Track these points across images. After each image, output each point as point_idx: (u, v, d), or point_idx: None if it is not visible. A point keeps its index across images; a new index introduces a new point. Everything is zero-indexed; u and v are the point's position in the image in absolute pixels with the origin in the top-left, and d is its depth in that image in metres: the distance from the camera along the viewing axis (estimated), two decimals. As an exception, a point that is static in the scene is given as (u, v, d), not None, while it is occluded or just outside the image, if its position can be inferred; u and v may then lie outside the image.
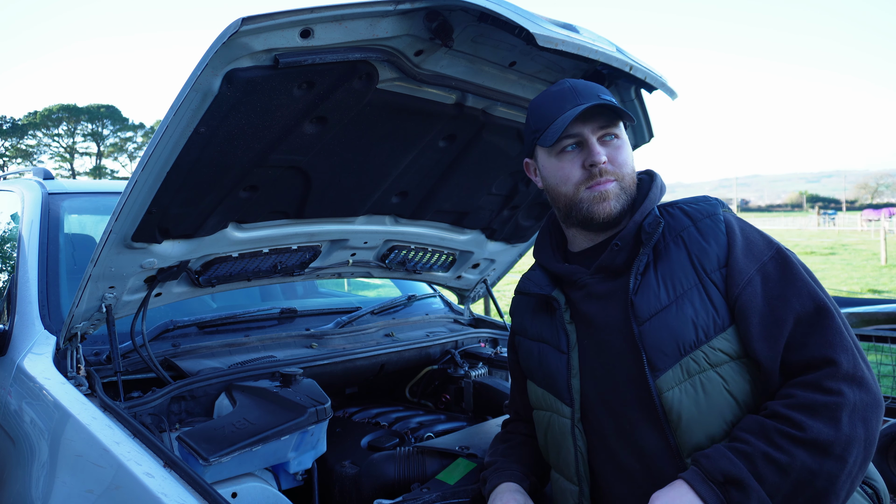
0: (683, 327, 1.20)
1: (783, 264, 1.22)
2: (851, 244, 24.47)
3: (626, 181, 1.33)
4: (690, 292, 1.22)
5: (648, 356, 1.21)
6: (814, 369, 1.12)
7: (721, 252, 1.24)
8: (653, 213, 1.32)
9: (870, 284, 12.49)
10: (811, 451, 1.06)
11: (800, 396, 1.10)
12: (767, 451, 1.07)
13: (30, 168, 2.79)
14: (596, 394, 1.31)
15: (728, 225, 1.28)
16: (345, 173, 1.74)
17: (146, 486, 1.20)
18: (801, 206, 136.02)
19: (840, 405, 1.07)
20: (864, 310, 4.17)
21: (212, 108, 1.27)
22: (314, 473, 1.74)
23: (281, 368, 1.84)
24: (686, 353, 1.19)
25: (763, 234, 1.29)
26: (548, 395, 1.39)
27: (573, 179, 1.32)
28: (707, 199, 1.36)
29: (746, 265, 1.22)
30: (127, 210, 1.44)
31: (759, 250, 1.25)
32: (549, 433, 1.40)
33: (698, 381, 1.18)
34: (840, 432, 1.06)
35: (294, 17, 1.16)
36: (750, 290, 1.20)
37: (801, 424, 1.07)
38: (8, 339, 1.86)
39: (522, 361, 1.51)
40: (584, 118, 1.30)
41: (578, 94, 1.32)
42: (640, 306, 1.24)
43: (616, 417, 1.28)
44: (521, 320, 1.52)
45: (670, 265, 1.26)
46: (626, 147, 1.35)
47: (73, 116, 59.68)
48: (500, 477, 1.43)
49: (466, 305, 2.81)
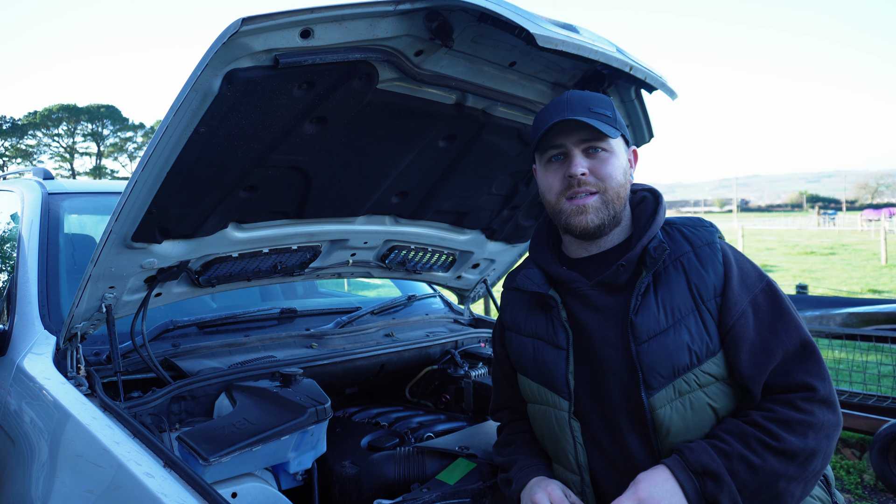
0: (679, 351, 1.29)
1: (772, 297, 1.33)
2: (851, 244, 24.47)
3: (609, 195, 1.37)
4: (687, 318, 1.31)
5: (644, 375, 1.30)
6: (794, 391, 1.27)
7: (718, 282, 1.32)
8: (657, 236, 1.37)
9: (870, 284, 12.49)
10: (780, 458, 1.21)
11: (779, 412, 1.24)
12: (744, 453, 1.21)
13: (30, 168, 2.79)
14: (587, 396, 1.38)
15: (725, 255, 1.35)
16: (345, 173, 1.74)
17: (146, 486, 1.20)
18: (801, 206, 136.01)
19: (811, 423, 1.23)
20: (864, 310, 4.18)
21: (212, 108, 1.27)
22: (314, 473, 1.74)
23: (281, 368, 1.84)
24: (679, 374, 1.29)
25: (754, 266, 1.38)
26: (543, 389, 1.44)
27: (555, 189, 1.40)
28: (702, 223, 1.42)
29: (741, 297, 1.31)
30: (127, 210, 1.44)
31: (751, 282, 1.34)
32: (545, 426, 1.46)
33: (688, 400, 1.29)
34: (806, 446, 1.22)
35: (294, 17, 1.16)
36: (743, 321, 1.30)
37: (777, 436, 1.21)
38: (8, 339, 1.86)
39: (514, 357, 1.55)
40: (567, 130, 1.36)
41: (570, 106, 1.36)
42: (639, 327, 1.31)
43: (606, 421, 1.36)
44: (514, 316, 1.55)
45: (670, 289, 1.33)
46: (612, 160, 1.38)
47: (73, 116, 59.66)
48: (528, 474, 1.47)
49: (466, 305, 2.81)
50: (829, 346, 4.34)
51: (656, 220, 1.39)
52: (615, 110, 1.40)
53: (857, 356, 4.24)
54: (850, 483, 3.60)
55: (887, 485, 3.45)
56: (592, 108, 1.36)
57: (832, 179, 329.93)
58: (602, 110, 1.36)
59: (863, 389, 4.12)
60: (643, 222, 1.41)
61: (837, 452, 3.99)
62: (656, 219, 1.39)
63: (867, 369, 4.16)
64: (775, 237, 30.54)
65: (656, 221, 1.39)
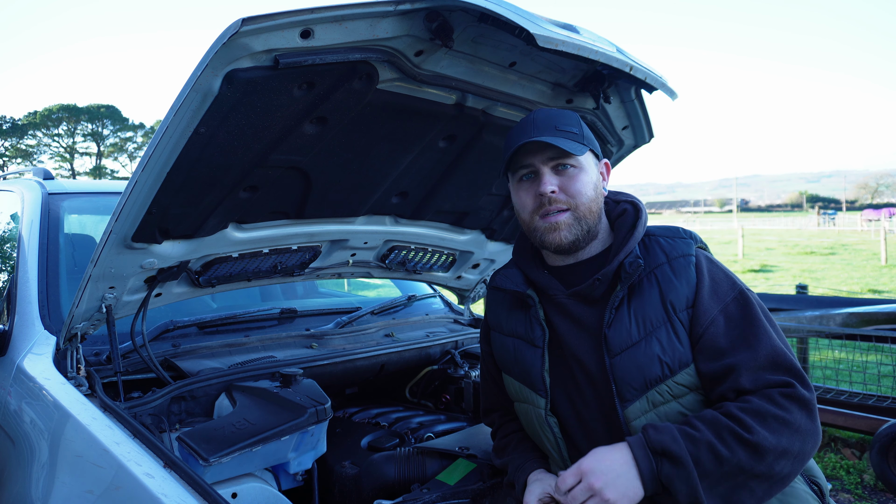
0: (650, 363, 1.30)
1: (744, 305, 1.33)
2: (851, 244, 24.47)
3: (580, 210, 1.39)
4: (659, 330, 1.32)
5: (618, 387, 1.32)
6: (771, 386, 1.25)
7: (690, 292, 1.34)
8: (634, 251, 1.38)
9: (870, 284, 12.49)
10: (750, 453, 1.19)
11: (755, 403, 1.22)
12: (713, 441, 1.19)
13: (30, 168, 2.78)
14: (564, 395, 1.42)
15: (698, 266, 1.36)
16: (345, 173, 1.74)
17: (146, 486, 1.20)
18: (801, 206, 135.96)
19: (786, 420, 1.21)
20: (864, 310, 4.18)
21: (212, 108, 1.27)
22: (314, 474, 1.74)
23: (281, 369, 1.84)
24: (651, 386, 1.30)
25: (728, 276, 1.38)
26: (524, 387, 1.48)
27: (528, 207, 1.42)
28: (680, 234, 1.43)
29: (710, 306, 1.32)
30: (127, 210, 1.44)
31: (723, 291, 1.35)
32: (528, 424, 1.50)
33: (662, 411, 1.30)
34: (779, 443, 1.19)
35: (294, 17, 1.16)
36: (713, 329, 1.30)
37: (750, 428, 1.19)
38: (8, 340, 1.86)
39: (497, 355, 1.59)
40: (535, 150, 1.38)
41: (535, 126, 1.38)
42: (612, 340, 1.33)
43: (582, 422, 1.39)
44: (496, 316, 1.59)
45: (642, 302, 1.35)
46: (581, 176, 1.40)
47: (73, 116, 59.66)
48: (525, 470, 1.49)
49: (466, 305, 2.81)
50: (829, 346, 4.34)
51: (634, 234, 1.41)
52: (582, 126, 1.42)
53: (857, 356, 4.24)
54: (850, 483, 3.60)
55: (887, 485, 3.45)
56: (559, 126, 1.38)
57: (832, 179, 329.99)
58: (568, 127, 1.38)
59: (863, 389, 4.12)
60: (622, 236, 1.42)
61: (837, 452, 3.99)
62: (634, 233, 1.41)
63: (867, 369, 4.16)
64: (775, 237, 30.53)
65: (634, 236, 1.40)
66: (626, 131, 1.94)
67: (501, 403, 1.66)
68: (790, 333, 4.23)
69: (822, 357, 5.17)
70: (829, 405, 3.97)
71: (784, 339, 1.33)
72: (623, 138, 1.97)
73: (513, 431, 1.63)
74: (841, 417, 3.81)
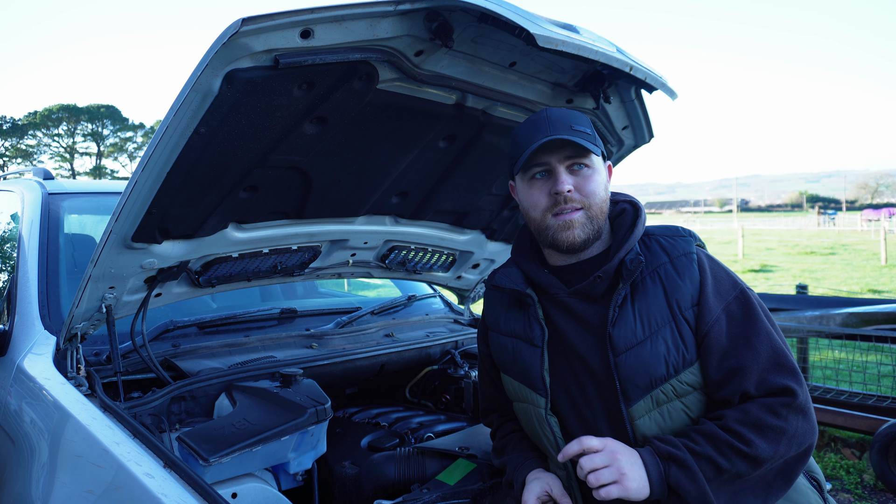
0: (656, 363, 1.31)
1: (745, 304, 1.35)
2: (851, 244, 24.47)
3: (593, 210, 1.40)
4: (664, 329, 1.33)
5: (622, 386, 1.32)
6: (772, 395, 1.27)
7: (694, 291, 1.35)
8: (634, 249, 1.39)
9: (870, 284, 12.49)
10: (748, 463, 1.24)
11: (753, 414, 1.25)
12: (713, 455, 1.23)
13: (30, 168, 2.78)
14: (564, 394, 1.41)
15: (700, 265, 1.38)
16: (345, 173, 1.74)
17: (146, 486, 1.20)
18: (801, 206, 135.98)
19: (784, 430, 1.25)
20: (864, 310, 4.18)
21: (212, 108, 1.27)
22: (314, 474, 1.74)
23: (281, 369, 1.84)
24: (656, 385, 1.31)
25: (729, 274, 1.40)
26: (523, 387, 1.47)
27: (541, 206, 1.41)
28: (680, 232, 1.44)
29: (715, 304, 1.34)
30: (127, 210, 1.44)
31: (725, 290, 1.36)
32: (528, 424, 1.50)
33: (666, 410, 1.32)
34: (776, 453, 1.24)
35: (294, 17, 1.16)
36: (717, 328, 1.32)
37: (749, 442, 1.23)
38: (8, 340, 1.86)
39: (495, 355, 1.58)
40: (552, 148, 1.37)
41: (551, 124, 1.38)
42: (617, 339, 1.34)
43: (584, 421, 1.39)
44: (495, 316, 1.59)
45: (647, 301, 1.35)
46: (595, 176, 1.41)
47: (73, 116, 59.66)
48: (524, 470, 1.50)
49: (466, 305, 2.81)
50: (830, 346, 4.34)
51: (634, 232, 1.41)
52: (593, 127, 1.43)
53: (857, 356, 4.24)
54: (850, 483, 3.60)
55: (887, 485, 3.45)
56: (574, 125, 1.38)
57: (832, 179, 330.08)
58: (582, 128, 1.38)
59: (863, 389, 4.12)
60: (621, 234, 1.43)
61: (837, 452, 3.99)
62: (634, 231, 1.42)
63: (867, 369, 4.16)
64: (775, 237, 30.53)
65: (634, 234, 1.41)
66: (626, 131, 1.94)
67: (500, 404, 1.66)
68: (790, 333, 4.23)
69: (822, 357, 5.18)
70: (829, 405, 3.97)
71: (783, 338, 1.34)
72: (623, 138, 1.97)
73: (512, 431, 1.63)
74: (841, 417, 3.81)
